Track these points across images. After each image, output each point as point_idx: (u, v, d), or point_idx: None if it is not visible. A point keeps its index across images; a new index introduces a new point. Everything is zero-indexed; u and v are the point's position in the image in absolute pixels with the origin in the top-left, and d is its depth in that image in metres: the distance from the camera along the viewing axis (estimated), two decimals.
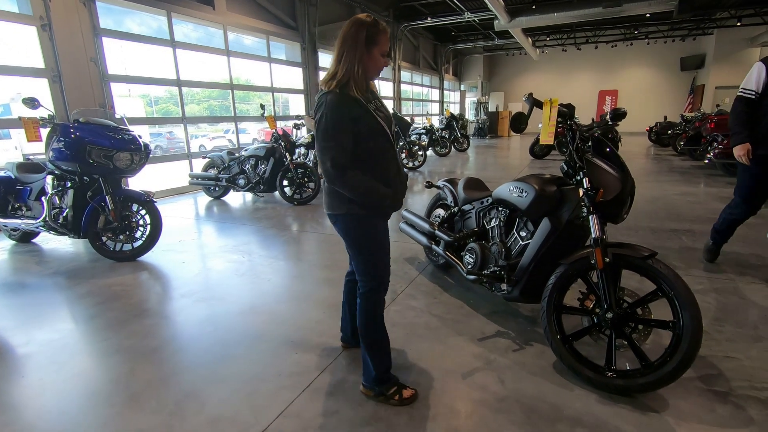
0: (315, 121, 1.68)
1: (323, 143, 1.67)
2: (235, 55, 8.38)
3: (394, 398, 1.88)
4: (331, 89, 1.67)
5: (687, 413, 1.77)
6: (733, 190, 3.29)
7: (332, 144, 1.66)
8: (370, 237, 1.83)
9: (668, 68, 19.50)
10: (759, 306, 2.69)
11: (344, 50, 1.66)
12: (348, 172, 1.69)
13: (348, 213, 1.79)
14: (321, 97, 1.69)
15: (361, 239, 1.83)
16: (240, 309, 2.84)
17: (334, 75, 1.68)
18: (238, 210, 6.07)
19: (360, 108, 1.68)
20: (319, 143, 1.68)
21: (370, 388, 1.91)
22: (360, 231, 1.82)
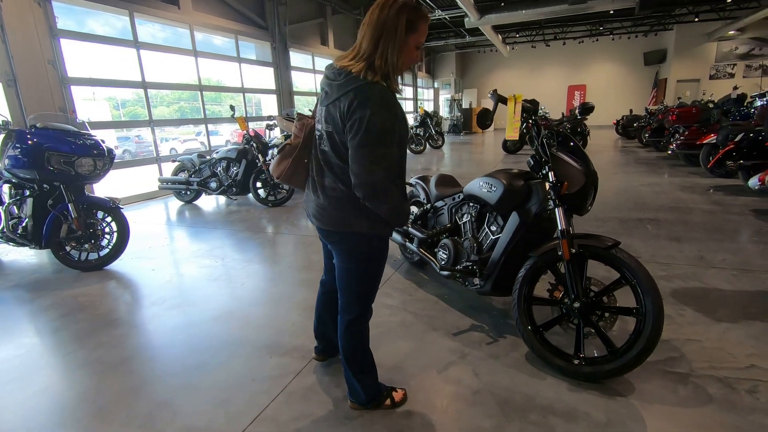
0: (359, 118, 1.37)
1: (378, 150, 1.39)
2: (203, 55, 8.19)
3: (386, 404, 1.82)
4: (375, 80, 1.40)
5: (651, 395, 1.83)
6: (695, 179, 3.42)
7: (387, 152, 1.42)
8: (382, 259, 1.66)
9: (632, 63, 20.15)
10: (718, 290, 2.82)
11: (382, 35, 1.39)
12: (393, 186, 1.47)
13: (370, 232, 1.56)
14: (363, 89, 1.38)
15: (373, 262, 1.64)
16: (213, 315, 2.79)
17: (371, 63, 1.40)
18: (210, 214, 5.95)
19: (401, 108, 1.47)
20: (371, 149, 1.39)
21: (362, 404, 1.81)
22: (376, 253, 1.63)
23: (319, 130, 1.59)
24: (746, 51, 17.41)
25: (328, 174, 1.56)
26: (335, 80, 1.46)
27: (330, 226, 1.59)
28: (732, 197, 5.38)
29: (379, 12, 1.40)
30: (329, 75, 1.51)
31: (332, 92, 1.47)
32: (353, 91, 1.39)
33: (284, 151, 1.70)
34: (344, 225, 1.56)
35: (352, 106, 1.39)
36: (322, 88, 1.54)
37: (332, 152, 1.52)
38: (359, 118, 1.38)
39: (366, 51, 1.42)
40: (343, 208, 1.54)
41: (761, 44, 17.12)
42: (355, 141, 1.40)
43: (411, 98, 19.75)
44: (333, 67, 1.50)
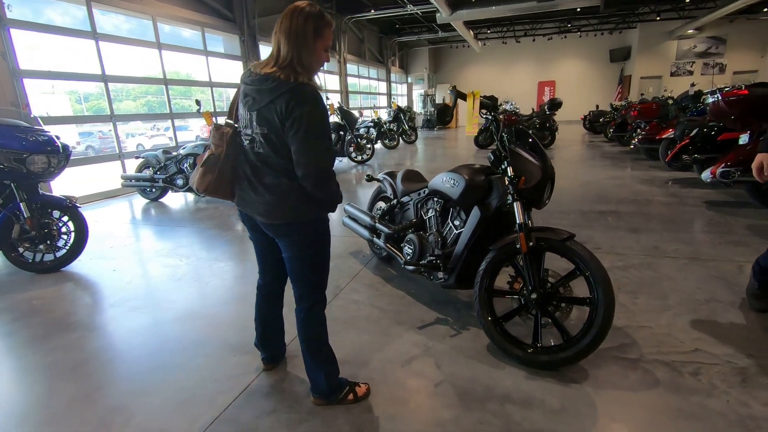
0: (299, 116, 1.48)
1: (321, 141, 1.54)
2: (167, 48, 7.93)
3: (348, 399, 1.84)
4: (304, 82, 1.52)
5: (603, 381, 1.91)
6: (655, 172, 3.56)
7: (328, 142, 1.59)
8: (328, 241, 1.78)
9: (599, 60, 20.75)
10: (670, 278, 2.96)
11: (295, 43, 1.52)
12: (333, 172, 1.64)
13: (317, 217, 1.69)
14: (297, 90, 1.49)
15: (323, 245, 1.75)
16: (175, 315, 2.73)
17: (293, 68, 1.52)
18: (177, 211, 5.80)
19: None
20: (316, 141, 1.53)
21: (324, 398, 1.83)
22: (324, 236, 1.75)
23: (248, 135, 1.65)
24: (704, 49, 18.20)
25: (268, 173, 1.63)
26: (263, 86, 1.54)
27: (281, 219, 1.66)
28: (688, 189, 5.64)
29: (289, 22, 1.53)
30: (254, 81, 1.58)
31: (262, 97, 1.55)
32: (288, 93, 1.50)
33: (208, 163, 1.71)
34: (294, 215, 1.65)
35: (290, 106, 1.49)
36: (246, 95, 1.62)
37: (271, 152, 1.60)
38: (299, 115, 1.49)
39: (285, 58, 1.53)
40: (290, 199, 1.63)
41: (717, 43, 17.93)
42: (300, 136, 1.51)
43: (384, 93, 19.72)
44: (256, 74, 1.58)
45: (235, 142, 1.72)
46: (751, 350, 2.08)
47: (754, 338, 2.18)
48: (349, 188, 7.00)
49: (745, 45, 17.57)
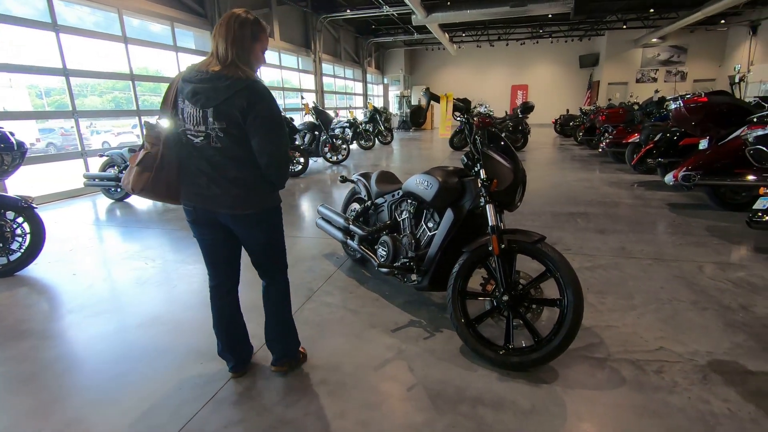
0: (260, 111, 1.62)
1: (282, 130, 1.70)
2: (134, 42, 7.64)
3: (301, 357, 2.11)
4: (255, 79, 1.65)
5: (572, 381, 1.95)
6: (621, 175, 3.67)
7: (285, 131, 1.73)
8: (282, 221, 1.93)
9: (569, 65, 21.35)
10: (635, 278, 3.05)
11: (235, 46, 1.63)
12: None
13: (278, 205, 1.86)
14: (253, 87, 1.61)
15: (281, 226, 1.91)
16: (139, 321, 2.62)
17: (238, 67, 1.63)
18: (144, 212, 5.59)
19: None
20: (278, 132, 1.68)
21: (287, 361, 2.03)
22: (281, 217, 1.90)
23: (201, 131, 1.67)
24: (667, 57, 19.01)
25: (232, 166, 1.70)
26: (218, 83, 1.62)
27: (250, 209, 1.75)
28: (652, 192, 5.86)
29: (226, 28, 1.63)
30: (205, 80, 1.63)
31: (218, 94, 1.61)
32: (247, 90, 1.60)
33: (145, 163, 1.72)
34: (264, 205, 1.78)
35: (251, 101, 1.61)
36: (197, 92, 1.64)
37: (233, 145, 1.67)
38: (261, 110, 1.62)
39: (230, 58, 1.63)
40: (256, 189, 1.75)
41: (679, 52, 18.77)
42: (264, 128, 1.65)
43: (360, 94, 19.67)
44: (207, 72, 1.64)
45: (173, 140, 1.74)
46: (710, 348, 2.16)
47: (714, 337, 2.27)
48: (323, 189, 6.93)
49: (704, 54, 18.45)
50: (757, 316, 2.47)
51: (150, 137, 1.74)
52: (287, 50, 12.90)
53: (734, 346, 2.17)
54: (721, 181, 4.41)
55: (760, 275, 3.03)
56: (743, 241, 3.75)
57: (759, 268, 3.15)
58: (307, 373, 2.05)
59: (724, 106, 4.66)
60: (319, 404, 1.84)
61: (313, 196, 6.35)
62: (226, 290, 2.00)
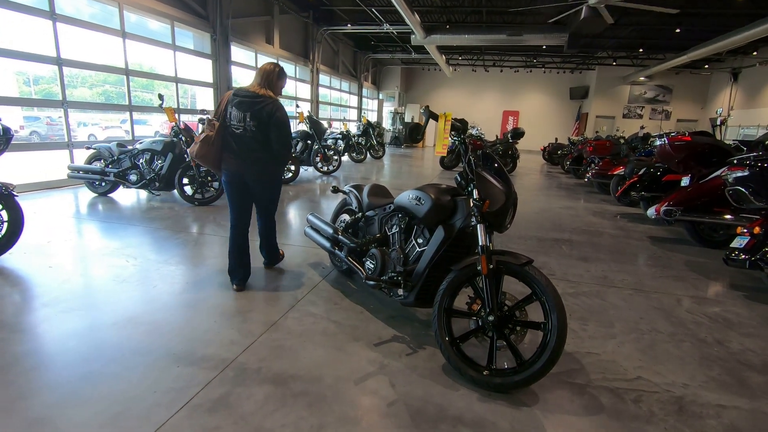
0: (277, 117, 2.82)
1: (289, 130, 2.94)
2: (132, 37, 7.60)
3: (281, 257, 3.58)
4: (276, 99, 2.88)
5: (552, 405, 1.95)
6: (605, 206, 3.76)
7: (290, 132, 2.96)
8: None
9: (560, 96, 21.97)
10: (616, 307, 3.10)
11: (270, 81, 2.90)
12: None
13: (281, 177, 3.30)
14: (276, 103, 2.85)
15: (279, 191, 3.23)
16: (115, 319, 2.54)
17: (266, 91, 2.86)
18: (127, 209, 5.48)
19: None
20: (286, 132, 2.91)
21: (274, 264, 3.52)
22: (280, 186, 3.24)
23: (241, 126, 2.83)
24: (653, 96, 19.74)
25: (258, 151, 2.89)
26: (256, 99, 2.81)
27: (267, 177, 3.02)
28: (634, 224, 6.00)
29: (269, 72, 2.91)
30: (248, 95, 2.83)
31: (255, 104, 2.80)
32: (272, 104, 2.84)
33: (207, 140, 2.87)
34: (271, 174, 3.04)
35: (273, 111, 2.82)
36: (242, 102, 2.82)
37: (261, 137, 2.85)
38: (277, 117, 2.84)
39: (266, 86, 2.88)
40: (272, 165, 3.00)
41: (665, 92, 19.51)
42: (279, 130, 2.87)
43: (355, 107, 19.84)
44: (250, 92, 2.84)
45: (221, 131, 2.90)
46: (686, 380, 2.20)
47: (690, 369, 2.31)
48: (312, 198, 6.92)
49: (688, 96, 19.23)
50: (732, 351, 2.53)
51: (208, 128, 2.88)
52: (286, 58, 12.98)
53: (709, 380, 2.22)
54: (701, 218, 4.55)
55: (734, 311, 3.11)
56: (720, 277, 3.85)
57: (734, 305, 3.24)
58: (286, 382, 2.02)
59: (706, 146, 4.83)
60: (297, 416, 1.80)
61: (302, 205, 6.33)
62: (242, 228, 3.05)
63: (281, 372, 2.10)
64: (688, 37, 13.48)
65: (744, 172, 3.44)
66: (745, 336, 2.73)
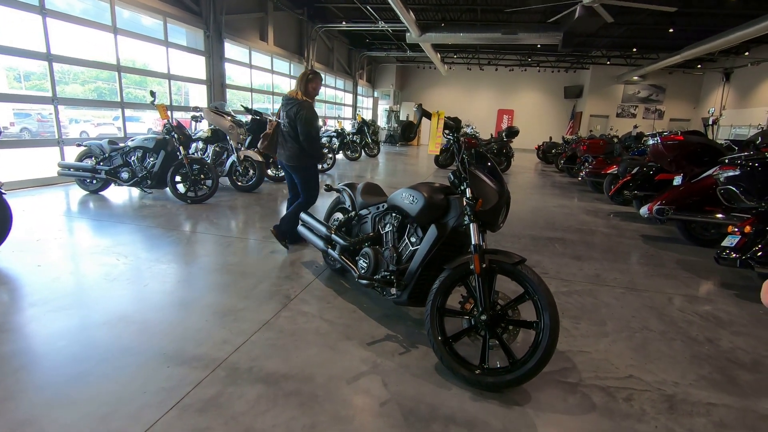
0: (301, 116, 3.59)
1: (313, 128, 3.66)
2: (124, 33, 7.52)
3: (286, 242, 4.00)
4: (305, 100, 3.66)
5: (544, 404, 1.96)
6: (598, 204, 3.77)
7: (315, 128, 3.69)
8: (316, 175, 3.98)
9: (554, 95, 22.04)
10: (608, 305, 3.12)
11: (304, 85, 3.68)
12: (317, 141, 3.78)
13: (308, 164, 3.86)
14: (302, 103, 3.63)
15: (312, 177, 3.90)
16: (105, 319, 2.51)
17: (303, 94, 3.67)
18: (119, 206, 5.42)
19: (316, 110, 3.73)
20: (310, 128, 3.63)
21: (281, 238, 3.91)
22: (313, 172, 3.91)
23: (284, 124, 3.73)
24: (646, 95, 19.86)
25: (290, 142, 3.73)
26: (289, 101, 3.66)
27: (294, 163, 3.77)
28: (627, 223, 6.04)
29: (301, 77, 3.70)
30: (287, 99, 3.69)
31: (288, 105, 3.65)
32: (298, 105, 3.62)
33: (266, 136, 3.85)
34: (300, 162, 3.78)
35: (298, 110, 3.62)
36: (285, 104, 3.70)
37: (293, 132, 3.69)
38: (301, 115, 3.61)
39: (299, 89, 3.68)
40: (298, 155, 3.74)
41: (658, 91, 19.64)
42: (302, 126, 3.62)
43: (350, 105, 19.78)
44: (290, 96, 3.67)
45: (277, 128, 3.82)
46: (677, 378, 2.21)
47: (681, 368, 2.33)
48: None
49: (681, 95, 19.36)
50: (722, 350, 2.55)
51: (270, 127, 3.84)
52: (280, 55, 12.91)
53: (699, 378, 2.23)
54: (693, 217, 4.59)
55: (725, 310, 3.14)
56: (711, 276, 3.88)
57: (725, 303, 3.26)
58: (278, 382, 2.00)
59: (698, 145, 4.87)
60: (289, 416, 1.79)
61: None
62: (292, 200, 4.06)
63: (273, 371, 2.09)
64: (681, 36, 13.56)
65: (735, 171, 3.47)
66: (735, 334, 2.76)
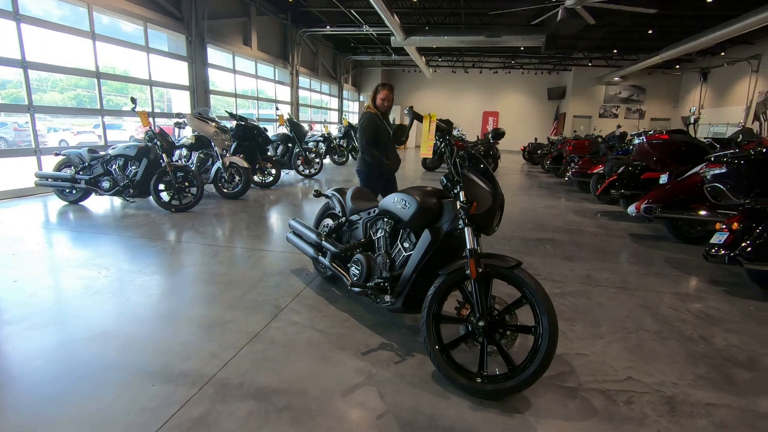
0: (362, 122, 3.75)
1: (362, 134, 3.73)
2: (103, 39, 7.35)
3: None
4: (369, 109, 3.78)
5: (544, 410, 1.91)
6: (586, 204, 3.77)
7: (364, 138, 3.71)
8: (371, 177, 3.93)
9: (538, 96, 22.32)
10: (602, 306, 3.10)
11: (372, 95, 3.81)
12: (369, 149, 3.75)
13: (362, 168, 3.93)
14: (363, 114, 3.78)
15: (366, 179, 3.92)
16: (86, 335, 2.40)
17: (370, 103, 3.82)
18: (100, 217, 5.26)
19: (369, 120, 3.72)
20: (361, 135, 3.73)
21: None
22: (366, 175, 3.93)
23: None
24: (627, 96, 20.23)
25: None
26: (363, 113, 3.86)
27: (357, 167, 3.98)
28: (614, 222, 6.08)
29: (373, 90, 3.79)
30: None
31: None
32: (361, 116, 3.85)
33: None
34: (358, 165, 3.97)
35: (359, 121, 3.89)
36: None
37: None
38: (359, 123, 3.92)
39: (371, 103, 3.80)
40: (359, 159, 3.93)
41: (638, 91, 20.02)
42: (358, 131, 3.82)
43: (336, 109, 19.72)
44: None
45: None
46: (675, 379, 2.19)
47: (678, 368, 2.31)
48: (294, 202, 6.80)
49: (660, 95, 19.77)
50: (716, 348, 2.54)
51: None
52: (264, 60, 12.80)
53: (697, 378, 2.22)
54: (680, 215, 4.63)
55: (716, 307, 3.15)
56: (699, 273, 3.91)
57: (715, 300, 3.28)
58: (269, 397, 1.92)
59: (682, 144, 4.93)
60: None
61: (284, 209, 6.20)
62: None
63: (264, 386, 2.01)
64: (660, 38, 13.85)
65: (722, 169, 3.50)
66: (728, 332, 2.76)
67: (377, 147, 3.71)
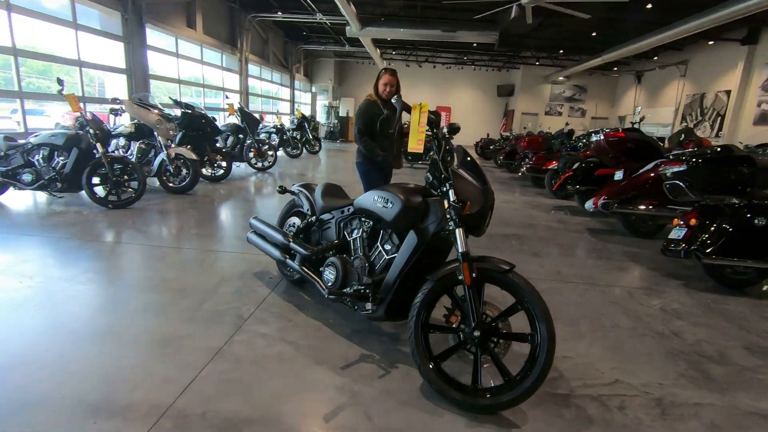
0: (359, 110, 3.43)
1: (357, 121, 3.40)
2: (19, 11, 6.42)
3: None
4: (368, 97, 3.41)
5: (542, 423, 1.81)
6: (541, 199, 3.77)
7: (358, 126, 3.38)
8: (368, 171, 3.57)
9: (488, 93, 22.85)
10: (576, 303, 3.10)
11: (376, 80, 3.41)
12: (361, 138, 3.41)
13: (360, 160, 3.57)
14: (363, 101, 3.44)
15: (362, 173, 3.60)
16: (7, 361, 1.98)
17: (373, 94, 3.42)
18: (21, 215, 4.59)
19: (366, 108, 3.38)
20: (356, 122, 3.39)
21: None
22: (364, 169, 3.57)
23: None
24: (571, 95, 21.24)
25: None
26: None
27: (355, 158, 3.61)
28: (570, 216, 6.26)
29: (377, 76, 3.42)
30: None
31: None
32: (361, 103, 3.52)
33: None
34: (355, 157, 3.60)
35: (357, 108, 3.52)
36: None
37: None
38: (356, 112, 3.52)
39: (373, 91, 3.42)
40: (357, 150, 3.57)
41: (580, 91, 21.09)
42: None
43: (288, 100, 19.01)
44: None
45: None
46: (660, 379, 2.19)
47: (659, 366, 2.32)
48: (247, 197, 6.37)
49: (600, 95, 20.93)
50: (689, 343, 2.59)
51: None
52: (210, 45, 11.97)
53: (679, 376, 2.23)
54: (636, 210, 4.80)
55: (679, 301, 3.25)
56: (657, 267, 4.06)
57: (677, 294, 3.39)
58: (239, 428, 1.66)
59: (637, 141, 5.12)
60: None
61: (237, 205, 5.77)
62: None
63: (232, 414, 1.74)
64: (602, 41, 14.57)
65: (681, 166, 3.62)
66: (694, 325, 2.84)
67: (375, 138, 3.37)
